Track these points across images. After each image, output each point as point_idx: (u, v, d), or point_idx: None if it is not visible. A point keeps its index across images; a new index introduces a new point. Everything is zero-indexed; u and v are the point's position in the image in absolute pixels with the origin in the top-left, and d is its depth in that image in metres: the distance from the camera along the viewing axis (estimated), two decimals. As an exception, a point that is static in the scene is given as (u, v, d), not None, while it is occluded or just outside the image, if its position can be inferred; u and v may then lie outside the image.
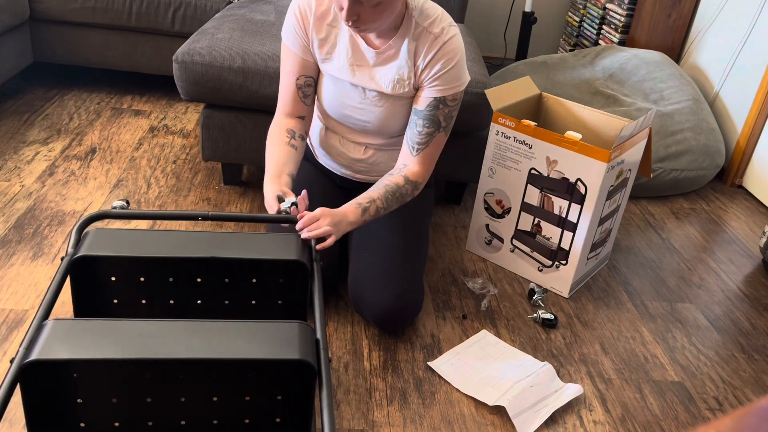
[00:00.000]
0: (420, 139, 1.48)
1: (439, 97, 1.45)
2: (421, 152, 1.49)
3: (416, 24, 1.42)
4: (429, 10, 1.44)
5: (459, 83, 1.46)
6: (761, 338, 1.68)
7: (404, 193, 1.48)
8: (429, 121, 1.47)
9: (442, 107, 1.46)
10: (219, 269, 1.19)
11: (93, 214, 1.23)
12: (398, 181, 1.47)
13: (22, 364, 0.89)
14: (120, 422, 1.01)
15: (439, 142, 1.51)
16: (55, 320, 0.97)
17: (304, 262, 1.17)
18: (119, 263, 1.16)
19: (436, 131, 1.48)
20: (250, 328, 0.99)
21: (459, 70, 1.45)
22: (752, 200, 2.43)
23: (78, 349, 0.92)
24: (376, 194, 1.43)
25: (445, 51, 1.41)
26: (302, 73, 1.51)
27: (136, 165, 2.20)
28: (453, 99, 1.47)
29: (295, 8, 1.47)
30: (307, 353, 0.96)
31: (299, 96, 1.53)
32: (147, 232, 1.20)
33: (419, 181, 1.51)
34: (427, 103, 1.46)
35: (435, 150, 1.51)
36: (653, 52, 2.67)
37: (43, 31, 2.64)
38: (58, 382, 0.96)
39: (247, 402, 1.02)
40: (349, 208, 1.39)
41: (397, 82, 1.46)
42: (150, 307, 1.22)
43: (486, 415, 1.35)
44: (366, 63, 1.47)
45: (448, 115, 1.48)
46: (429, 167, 1.52)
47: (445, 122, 1.48)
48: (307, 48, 1.49)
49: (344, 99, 1.52)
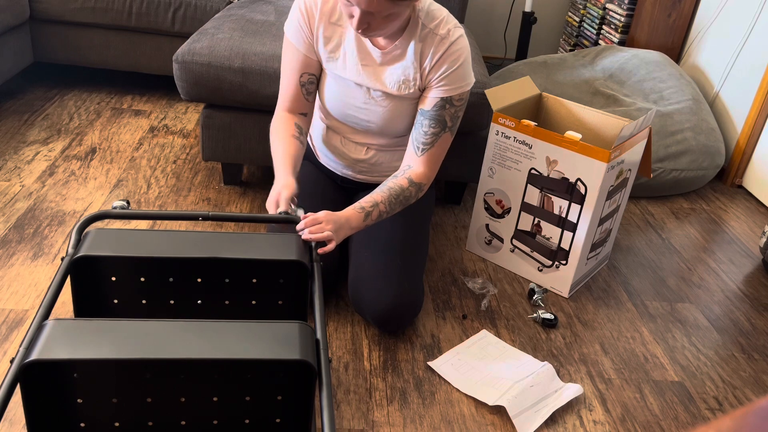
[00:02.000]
0: (426, 139, 1.48)
1: (445, 98, 1.45)
2: (426, 153, 1.49)
3: (423, 25, 1.42)
4: (435, 11, 1.44)
5: (465, 83, 1.46)
6: (761, 338, 1.68)
7: (408, 196, 1.47)
8: (435, 121, 1.46)
9: (449, 107, 1.46)
10: (219, 269, 1.19)
11: (93, 215, 1.23)
12: (402, 183, 1.46)
13: (22, 364, 0.89)
14: (120, 422, 1.01)
15: (444, 143, 1.50)
16: (55, 320, 0.97)
17: (305, 262, 1.17)
18: (119, 263, 1.16)
19: (442, 131, 1.48)
20: (250, 328, 0.99)
21: (465, 70, 1.45)
22: (752, 200, 2.43)
23: (78, 350, 0.92)
24: (380, 197, 1.42)
25: (452, 51, 1.42)
26: (305, 70, 1.51)
27: (136, 165, 2.20)
28: (459, 99, 1.47)
29: (301, 4, 1.45)
30: (308, 353, 0.96)
31: (302, 93, 1.52)
32: (147, 233, 1.20)
33: (424, 182, 1.50)
34: (434, 104, 1.45)
35: (440, 151, 1.51)
36: (653, 52, 2.67)
37: (43, 31, 2.64)
38: (58, 382, 0.96)
39: (247, 402, 1.02)
40: (352, 212, 1.38)
41: (402, 83, 1.46)
42: (150, 307, 1.22)
43: (486, 415, 1.35)
44: (372, 62, 1.46)
45: (455, 116, 1.48)
46: (434, 168, 1.52)
47: (451, 122, 1.48)
48: (311, 45, 1.48)
49: (347, 98, 1.52)
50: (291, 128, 1.51)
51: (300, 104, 1.54)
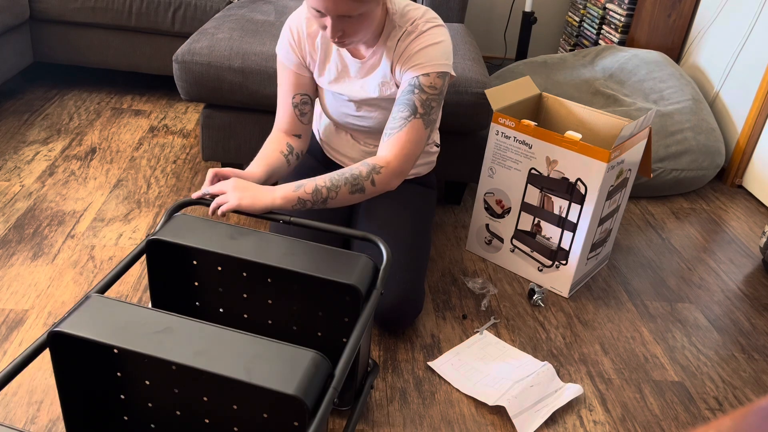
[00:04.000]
0: (393, 123, 1.39)
1: (414, 82, 1.38)
2: (391, 136, 1.38)
3: (398, 27, 1.41)
4: (410, 12, 1.41)
5: (432, 63, 1.37)
6: (761, 338, 1.68)
7: (357, 175, 1.33)
8: (404, 105, 1.39)
9: (418, 92, 1.38)
10: (287, 277, 1.21)
11: (186, 200, 1.27)
12: (362, 170, 1.34)
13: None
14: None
15: (413, 130, 1.37)
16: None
17: (359, 288, 1.11)
18: (198, 252, 1.23)
19: (412, 116, 1.38)
20: (270, 350, 0.95)
21: (434, 52, 1.38)
22: (752, 200, 2.43)
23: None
24: (336, 178, 1.32)
25: (419, 38, 1.39)
26: (298, 91, 1.51)
27: (136, 165, 2.20)
28: (431, 86, 1.38)
29: (291, 23, 1.47)
30: (306, 390, 0.89)
31: (296, 115, 1.53)
32: (229, 227, 1.22)
33: (380, 165, 1.35)
34: (403, 87, 1.41)
35: (408, 137, 1.37)
36: (653, 52, 2.67)
37: (43, 31, 2.64)
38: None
39: (240, 423, 1.03)
40: (283, 185, 1.31)
41: (382, 85, 1.46)
42: (225, 299, 1.28)
43: (486, 415, 1.35)
44: (354, 75, 1.47)
45: (426, 103, 1.38)
46: (398, 155, 1.37)
47: (422, 109, 1.37)
48: (302, 63, 1.49)
49: (343, 109, 1.54)
50: (281, 146, 1.51)
51: (294, 126, 1.54)
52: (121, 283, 1.62)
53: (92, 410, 1.07)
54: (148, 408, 1.07)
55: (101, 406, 1.08)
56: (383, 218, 1.58)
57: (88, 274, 1.65)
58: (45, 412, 1.25)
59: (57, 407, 1.27)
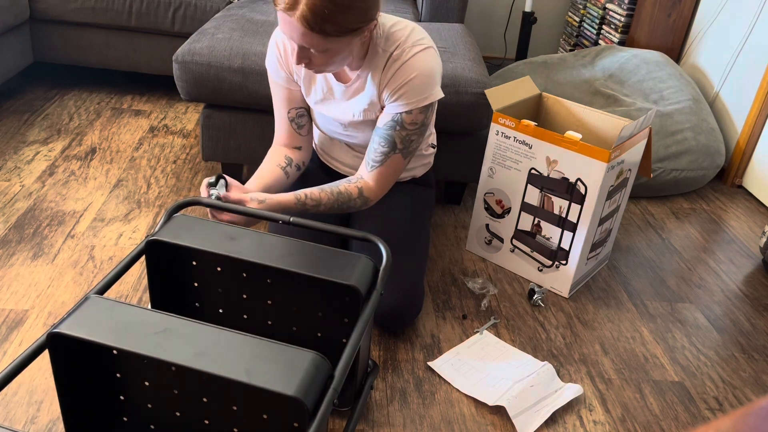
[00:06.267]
0: (375, 156, 1.42)
1: (396, 118, 1.38)
2: (375, 170, 1.43)
3: (382, 51, 1.37)
4: (395, 34, 1.37)
5: (416, 99, 1.37)
6: (761, 338, 1.68)
7: (351, 206, 1.43)
8: (385, 141, 1.40)
9: (399, 129, 1.39)
10: (286, 277, 1.21)
11: (186, 200, 1.26)
12: (352, 192, 1.42)
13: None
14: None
15: (394, 164, 1.43)
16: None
17: (360, 289, 1.12)
18: (198, 253, 1.22)
19: (392, 152, 1.41)
20: (270, 351, 0.94)
21: (419, 84, 1.36)
22: (752, 200, 2.43)
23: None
24: (325, 198, 1.38)
25: (403, 69, 1.35)
26: (292, 105, 1.51)
27: (136, 165, 2.20)
28: (412, 123, 1.39)
29: (277, 38, 1.44)
30: (306, 391, 0.89)
31: (294, 128, 1.53)
32: (229, 228, 1.22)
33: (371, 198, 1.45)
34: (385, 122, 1.40)
35: (390, 171, 1.44)
36: (653, 52, 2.67)
37: (43, 31, 2.64)
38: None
39: (240, 424, 1.02)
40: (290, 197, 1.34)
41: (367, 109, 1.44)
42: (225, 299, 1.27)
43: (486, 415, 1.35)
44: (338, 97, 1.46)
45: (406, 138, 1.41)
46: (383, 187, 1.46)
47: (401, 145, 1.41)
48: (290, 78, 1.47)
49: (331, 127, 1.54)
50: (278, 159, 1.51)
51: (293, 139, 1.54)
52: (121, 284, 1.62)
53: (92, 411, 1.07)
54: (147, 409, 1.07)
55: (101, 407, 1.08)
56: (382, 218, 1.58)
57: (88, 274, 1.65)
58: (45, 412, 1.26)
59: (57, 407, 1.27)
